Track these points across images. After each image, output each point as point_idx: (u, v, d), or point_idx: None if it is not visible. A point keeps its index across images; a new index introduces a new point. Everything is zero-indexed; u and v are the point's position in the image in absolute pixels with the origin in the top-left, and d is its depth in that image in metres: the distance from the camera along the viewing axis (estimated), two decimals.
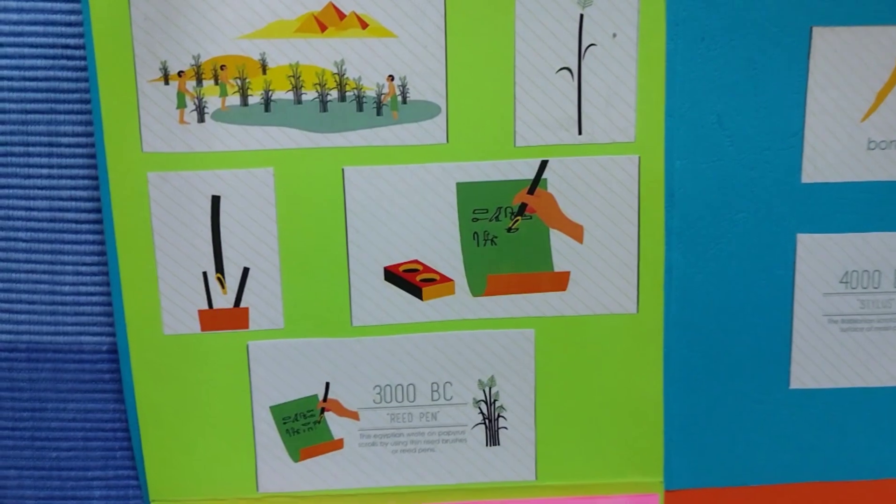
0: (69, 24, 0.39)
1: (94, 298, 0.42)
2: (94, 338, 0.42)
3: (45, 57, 0.40)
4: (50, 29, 0.39)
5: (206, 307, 0.41)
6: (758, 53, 0.39)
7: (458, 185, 0.40)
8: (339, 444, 0.42)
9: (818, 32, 0.39)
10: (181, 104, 0.39)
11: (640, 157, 0.40)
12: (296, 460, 0.42)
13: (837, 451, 0.43)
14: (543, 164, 0.40)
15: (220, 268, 0.40)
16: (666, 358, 0.42)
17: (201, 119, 0.39)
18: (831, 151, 0.40)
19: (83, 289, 0.42)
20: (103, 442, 0.43)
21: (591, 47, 0.39)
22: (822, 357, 0.42)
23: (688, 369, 0.42)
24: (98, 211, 0.41)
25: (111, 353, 0.42)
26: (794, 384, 0.42)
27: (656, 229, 0.41)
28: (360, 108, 0.39)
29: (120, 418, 0.43)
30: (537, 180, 0.40)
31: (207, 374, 0.41)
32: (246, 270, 0.40)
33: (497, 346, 0.42)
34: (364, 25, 0.38)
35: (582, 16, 0.38)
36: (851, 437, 0.43)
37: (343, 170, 0.40)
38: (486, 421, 0.42)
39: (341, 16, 0.38)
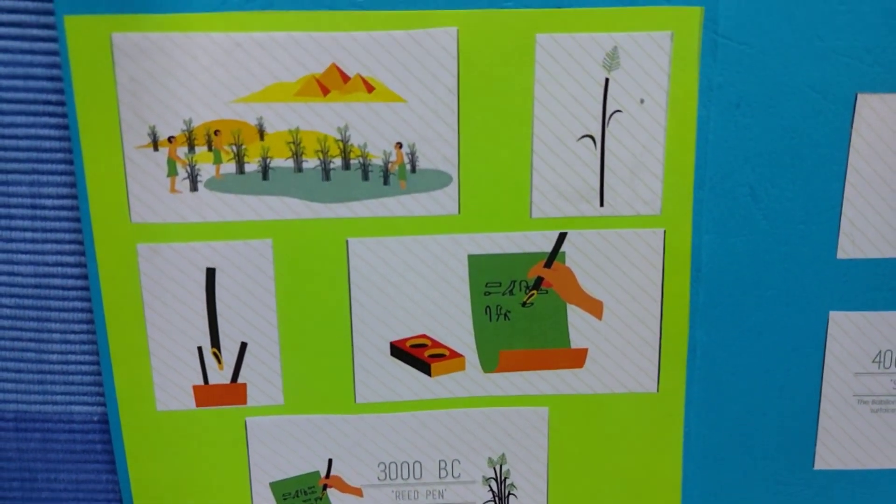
0: (50, 79, 0.34)
1: (84, 368, 0.38)
2: (85, 407, 0.38)
3: (26, 113, 0.35)
4: (31, 84, 0.34)
5: (201, 383, 0.36)
6: (798, 121, 0.34)
7: (470, 257, 0.35)
8: None
9: (863, 99, 0.34)
10: (172, 172, 0.34)
11: (665, 231, 0.35)
12: None
13: None
14: (562, 237, 0.35)
15: (215, 342, 0.36)
16: (686, 439, 0.38)
17: (194, 188, 0.34)
18: (870, 226, 0.36)
19: (72, 357, 0.37)
20: None
21: (617, 114, 0.34)
22: (850, 438, 0.38)
23: (708, 451, 0.38)
24: (86, 277, 0.36)
25: (102, 423, 0.38)
26: (819, 465, 0.38)
27: (680, 306, 0.36)
28: (365, 177, 0.34)
29: (113, 489, 0.39)
30: (555, 253, 0.36)
31: (204, 451, 0.37)
32: (243, 345, 0.36)
33: (509, 424, 0.38)
34: (370, 89, 0.33)
35: (607, 80, 0.34)
36: None
37: (347, 241, 0.35)
38: (496, 499, 0.39)
39: (345, 78, 0.33)
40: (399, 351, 0.36)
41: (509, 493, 0.38)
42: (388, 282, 0.35)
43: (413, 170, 0.34)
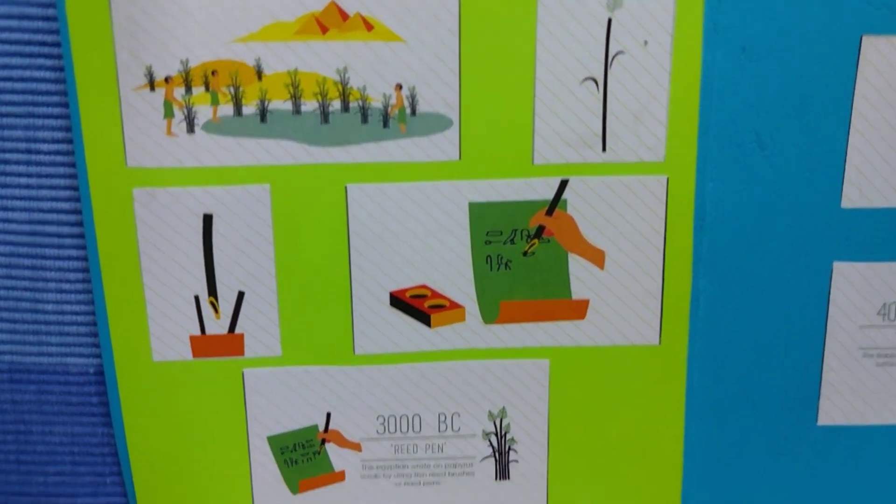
0: (46, 19, 0.34)
1: (80, 318, 0.37)
2: (81, 359, 0.37)
3: (21, 55, 0.34)
4: (25, 24, 0.34)
5: (198, 333, 0.36)
6: (804, 66, 0.34)
7: (471, 205, 0.35)
8: (340, 476, 0.38)
9: (868, 42, 0.34)
10: (168, 114, 0.33)
11: (668, 179, 0.35)
12: (294, 492, 0.38)
13: (866, 492, 0.38)
14: (563, 184, 0.35)
15: (212, 291, 0.35)
16: (688, 392, 0.37)
17: (191, 130, 0.33)
18: (877, 174, 0.35)
19: (67, 307, 0.37)
20: (92, 467, 0.39)
21: (620, 56, 0.33)
22: (854, 392, 0.37)
23: (711, 404, 0.37)
24: (81, 224, 0.35)
25: (98, 375, 0.37)
26: (823, 420, 0.38)
27: (683, 256, 0.36)
28: (364, 121, 0.34)
29: (109, 442, 0.38)
30: (556, 201, 0.35)
31: (200, 403, 0.36)
32: (241, 294, 0.35)
33: (509, 376, 0.37)
34: (369, 28, 0.33)
35: (610, 20, 0.33)
36: (882, 477, 0.38)
37: (346, 187, 0.34)
38: (496, 454, 0.38)
39: (344, 16, 0.32)
40: (398, 301, 0.36)
41: (509, 448, 0.38)
42: (387, 230, 0.35)
43: (413, 113, 0.33)
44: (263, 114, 0.33)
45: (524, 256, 0.35)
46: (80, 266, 0.36)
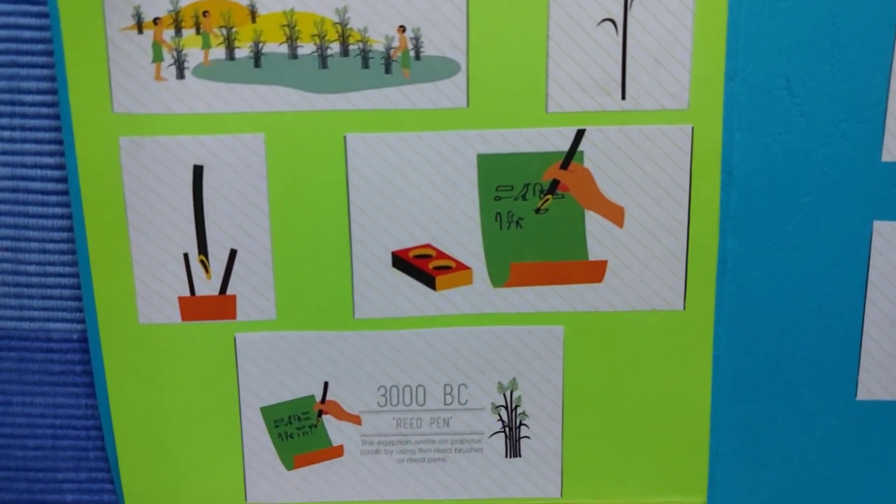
0: None
1: (64, 280, 0.34)
2: (64, 325, 0.35)
3: (5, 1, 0.32)
4: None
5: (187, 294, 0.33)
6: (839, 6, 0.31)
7: (480, 157, 0.32)
8: (338, 452, 0.35)
9: None
10: (157, 57, 0.31)
11: (693, 128, 0.32)
12: (289, 468, 0.35)
13: None
14: (580, 135, 0.32)
15: (203, 249, 0.33)
16: (715, 362, 0.34)
17: (180, 75, 0.31)
18: None
19: (51, 269, 0.34)
20: (74, 441, 0.36)
21: None
22: None
23: (740, 375, 0.34)
24: (66, 181, 0.33)
25: (82, 342, 0.35)
26: (862, 395, 0.34)
27: (710, 213, 0.33)
28: (365, 65, 0.31)
29: (93, 415, 0.36)
30: (572, 153, 0.32)
31: (189, 370, 0.34)
32: (233, 253, 0.33)
33: (520, 344, 0.34)
34: None
35: None
36: None
37: (345, 137, 0.32)
38: (506, 429, 0.35)
39: None
40: (401, 262, 0.33)
41: (521, 423, 0.35)
42: (389, 184, 0.32)
43: (417, 57, 0.31)
44: (258, 58, 0.31)
45: (537, 213, 0.33)
46: (65, 225, 0.34)
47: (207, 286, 0.33)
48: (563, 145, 0.32)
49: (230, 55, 0.31)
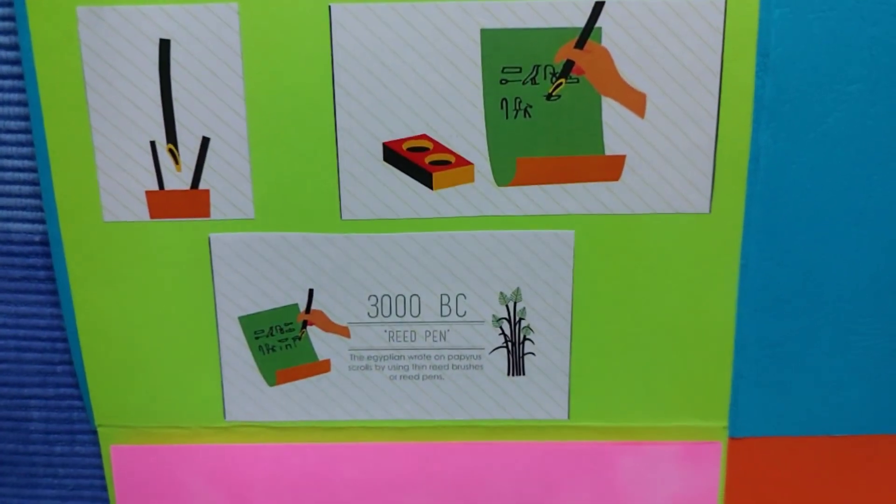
0: None
1: (23, 176, 0.31)
2: (24, 225, 0.32)
3: None
4: None
5: (155, 188, 0.30)
6: None
7: (483, 32, 0.28)
8: (324, 367, 0.32)
9: None
10: None
11: (726, 2, 0.28)
12: (271, 384, 0.32)
13: None
14: (598, 8, 0.28)
15: (171, 137, 0.29)
16: (742, 272, 0.30)
17: None
18: None
19: (8, 163, 0.31)
20: (40, 353, 0.33)
21: None
22: None
23: (769, 287, 0.31)
24: (20, 62, 0.29)
25: (45, 245, 0.32)
26: None
27: (742, 102, 0.29)
28: None
29: (59, 325, 0.33)
30: (589, 30, 0.28)
31: (160, 274, 0.31)
32: (205, 141, 0.29)
33: (526, 250, 0.31)
34: None
35: None
36: None
37: (329, 8, 0.28)
38: (509, 344, 0.32)
39: None
40: (394, 155, 0.29)
41: (525, 338, 0.31)
42: (380, 63, 0.28)
43: None
44: None
45: (548, 100, 0.29)
46: (21, 113, 0.30)
47: (178, 179, 0.30)
48: (579, 20, 0.28)
49: None
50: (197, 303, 0.31)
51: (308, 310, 0.31)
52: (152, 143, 0.29)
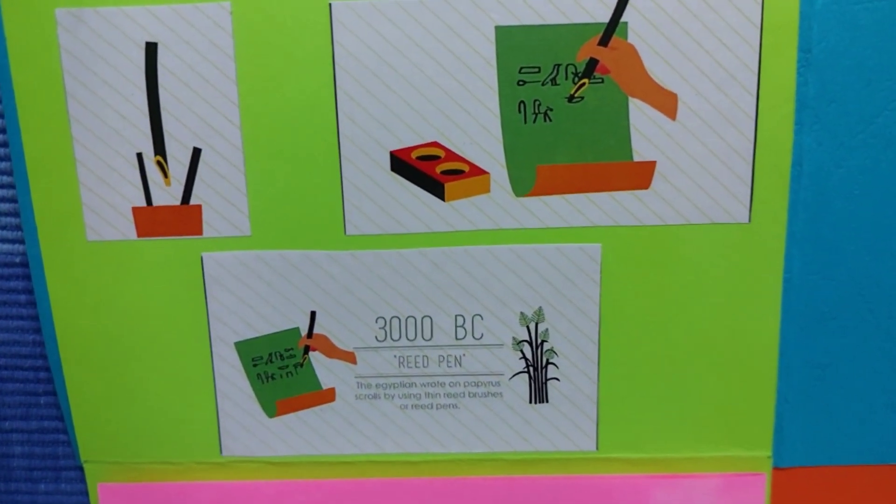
0: None
1: (3, 192, 0.29)
2: (3, 245, 0.29)
3: None
4: None
5: (142, 204, 0.27)
6: None
7: (498, 29, 0.26)
8: (328, 396, 0.29)
9: None
10: None
11: None
12: (271, 415, 0.29)
13: None
14: (623, 1, 0.25)
15: (160, 148, 0.27)
16: (786, 286, 0.28)
17: None
18: None
19: None
20: (22, 384, 0.30)
21: None
22: None
23: (815, 303, 0.28)
24: None
25: (26, 266, 0.29)
26: None
27: (783, 101, 0.26)
28: None
29: (42, 353, 0.30)
30: (614, 25, 0.26)
31: (149, 297, 0.28)
32: (196, 152, 0.27)
33: (548, 266, 0.28)
34: None
35: None
36: None
37: (330, 6, 0.25)
38: (531, 369, 0.29)
39: None
40: (402, 164, 0.27)
41: (548, 362, 0.29)
42: (385, 65, 0.26)
43: None
44: None
45: (569, 102, 0.26)
46: None
47: (167, 194, 0.27)
48: (603, 15, 0.25)
49: None
50: (189, 328, 0.28)
51: (310, 334, 0.28)
52: (139, 156, 0.27)
